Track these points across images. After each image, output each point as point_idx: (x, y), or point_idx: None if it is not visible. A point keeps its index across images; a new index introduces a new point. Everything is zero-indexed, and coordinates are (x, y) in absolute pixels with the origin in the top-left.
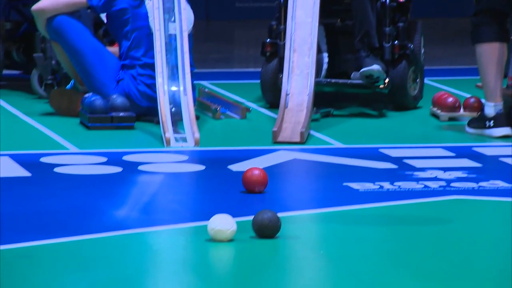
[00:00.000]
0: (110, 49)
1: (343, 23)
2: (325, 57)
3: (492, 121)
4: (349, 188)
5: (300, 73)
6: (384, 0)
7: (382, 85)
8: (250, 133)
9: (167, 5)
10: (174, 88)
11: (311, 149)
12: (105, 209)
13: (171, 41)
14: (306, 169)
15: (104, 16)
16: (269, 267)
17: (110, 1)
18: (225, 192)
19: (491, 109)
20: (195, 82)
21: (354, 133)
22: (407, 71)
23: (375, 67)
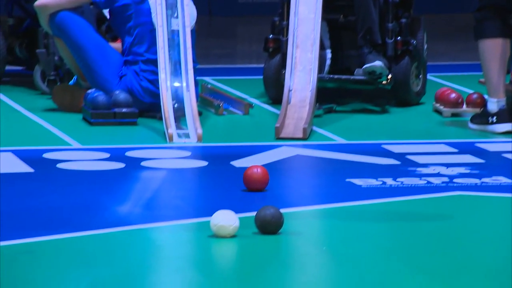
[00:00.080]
0: (113, 45)
1: (346, 19)
2: (328, 53)
3: (495, 117)
4: (352, 184)
5: (303, 69)
6: None
7: (385, 81)
8: (252, 129)
9: (169, 0)
10: (176, 84)
11: (313, 145)
12: (108, 205)
13: (173, 37)
14: (308, 165)
15: (107, 12)
16: (271, 263)
17: None
18: (228, 188)
19: (494, 105)
20: (197, 78)
21: (356, 129)
22: (410, 67)
23: (378, 63)
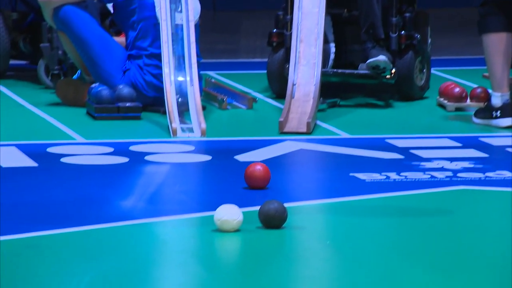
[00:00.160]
0: (116, 39)
1: (350, 13)
2: (332, 47)
3: (499, 111)
4: (356, 178)
5: (306, 63)
6: None
7: (388, 76)
8: (256, 123)
9: None
10: (180, 78)
11: (317, 140)
12: (112, 200)
13: (177, 31)
14: (312, 159)
15: (110, 6)
16: (275, 257)
17: None
18: (232, 182)
19: (498, 99)
20: (201, 72)
21: (360, 124)
22: (413, 61)
23: (382, 57)
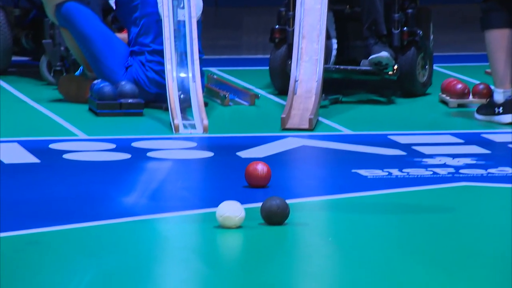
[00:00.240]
0: (119, 35)
1: (352, 9)
2: (334, 43)
3: (501, 108)
4: (358, 174)
5: (309, 59)
6: None
7: (391, 72)
8: (258, 119)
9: None
10: (182, 74)
11: (319, 136)
12: (114, 196)
13: (180, 28)
14: (314, 155)
15: (113, 2)
16: (277, 254)
17: None
18: (234, 179)
19: (500, 96)
20: (203, 68)
21: (362, 120)
22: (416, 57)
23: (384, 54)
